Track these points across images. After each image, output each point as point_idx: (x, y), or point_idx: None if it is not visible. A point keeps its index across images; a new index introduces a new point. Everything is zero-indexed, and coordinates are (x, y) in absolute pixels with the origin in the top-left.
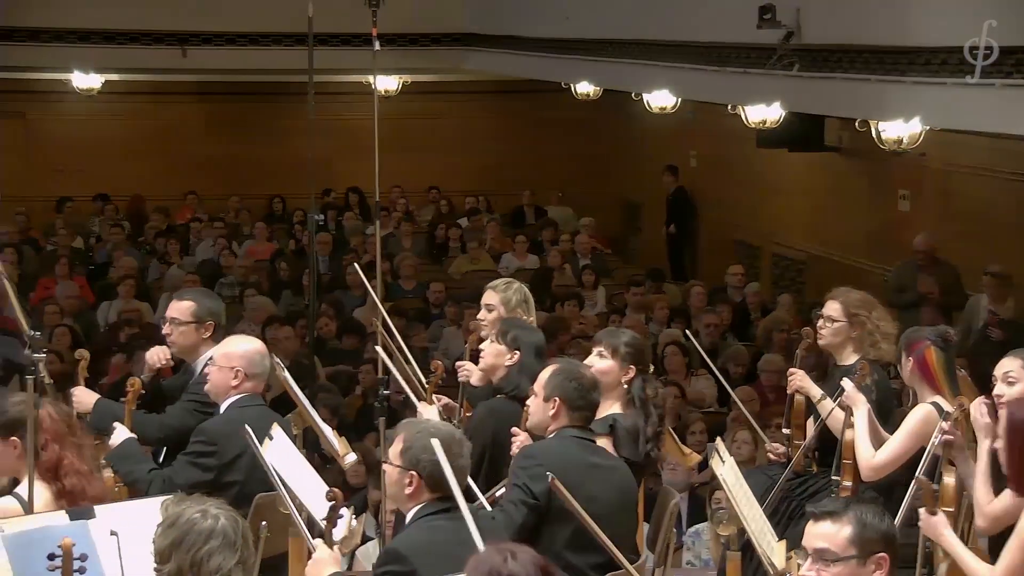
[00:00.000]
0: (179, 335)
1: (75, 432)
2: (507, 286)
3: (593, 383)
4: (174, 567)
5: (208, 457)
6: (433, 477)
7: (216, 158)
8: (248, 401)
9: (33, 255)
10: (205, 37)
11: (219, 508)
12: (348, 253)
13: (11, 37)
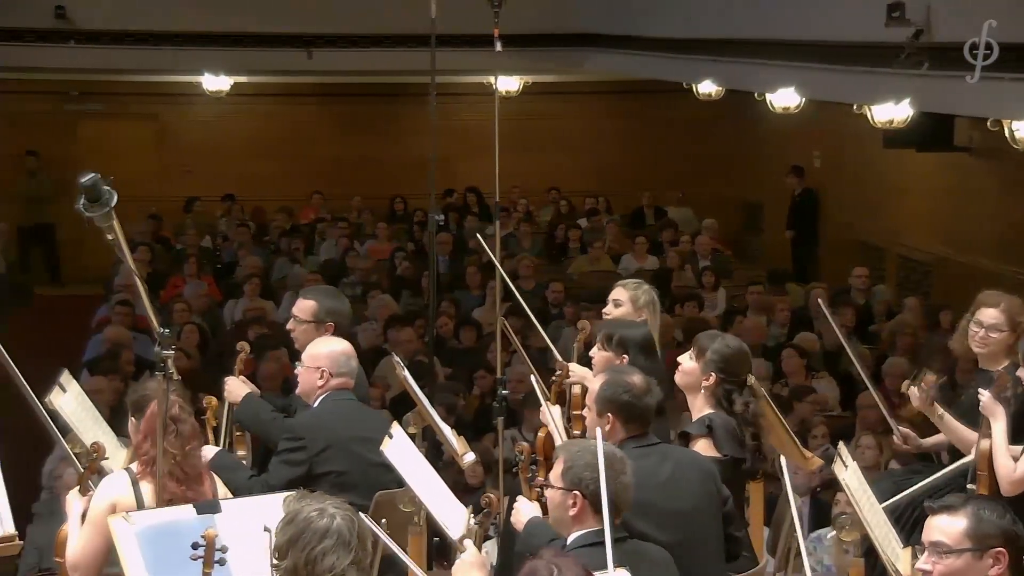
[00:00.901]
0: (300, 332)
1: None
2: (637, 285)
3: (645, 388)
4: (290, 564)
5: (297, 452)
6: (597, 496)
7: (340, 158)
8: (336, 396)
9: (164, 254)
10: (330, 39)
11: (337, 508)
12: (468, 253)
13: (146, 41)
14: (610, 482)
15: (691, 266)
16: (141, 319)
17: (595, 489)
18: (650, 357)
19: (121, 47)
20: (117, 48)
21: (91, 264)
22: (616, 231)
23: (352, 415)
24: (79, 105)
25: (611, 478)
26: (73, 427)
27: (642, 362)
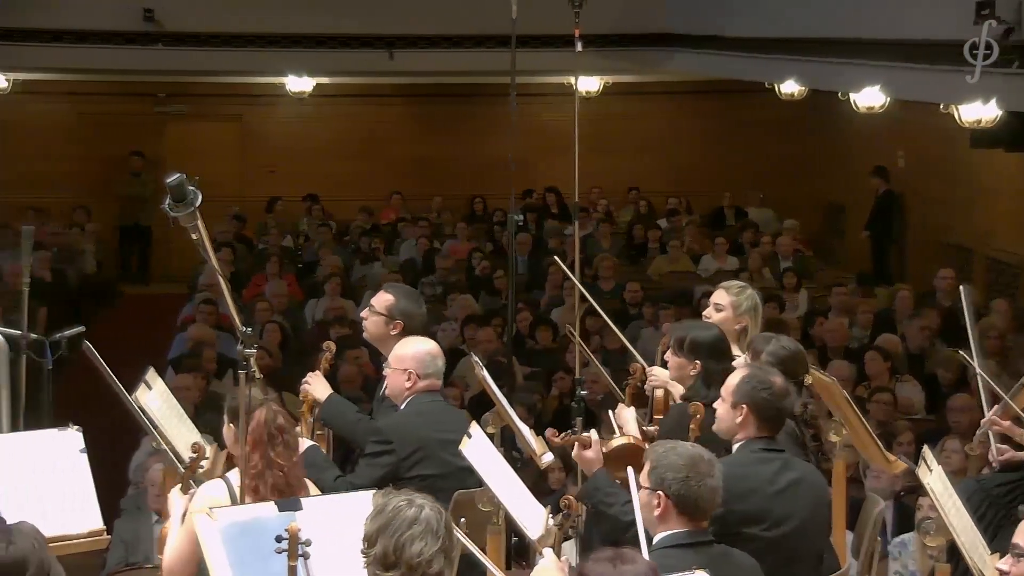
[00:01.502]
0: (370, 322)
1: (276, 441)
2: (741, 290)
3: (784, 391)
4: (379, 550)
5: (385, 455)
6: (682, 497)
7: (420, 159)
8: (424, 398)
9: (246, 253)
10: (411, 40)
11: (424, 499)
12: (547, 254)
13: (231, 43)
14: (695, 484)
15: (771, 267)
16: (224, 318)
17: (678, 490)
18: (722, 360)
19: (207, 49)
20: (203, 50)
21: (177, 263)
22: (696, 232)
23: (439, 418)
24: (166, 107)
25: (696, 480)
26: (158, 424)
27: (714, 366)
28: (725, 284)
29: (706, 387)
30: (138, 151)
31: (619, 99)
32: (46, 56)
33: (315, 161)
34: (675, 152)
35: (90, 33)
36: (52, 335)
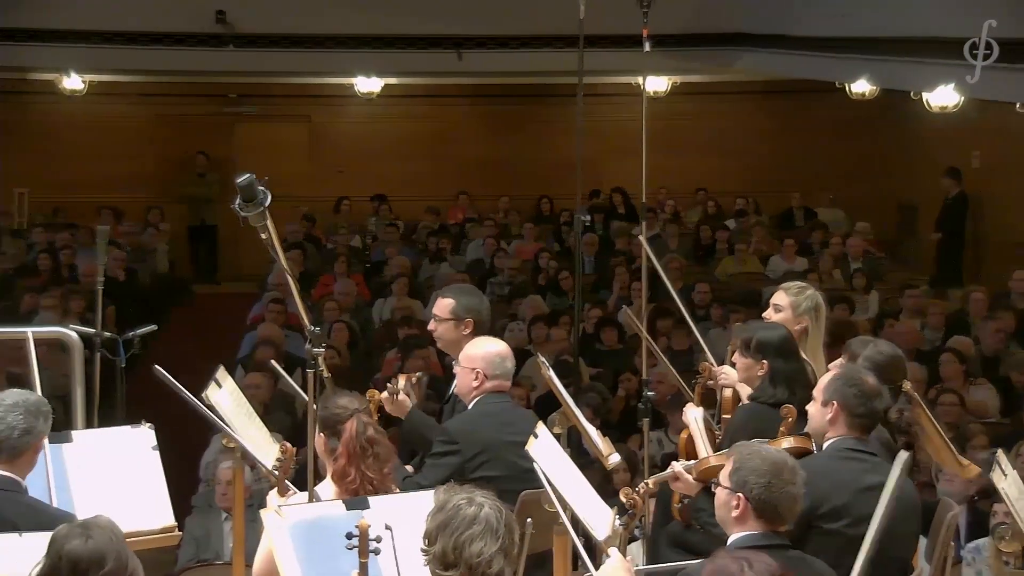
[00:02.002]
0: (442, 331)
1: (367, 454)
2: (800, 291)
3: (875, 391)
4: (439, 548)
5: (451, 456)
6: (761, 502)
7: (487, 159)
8: (492, 399)
9: (315, 253)
10: (479, 41)
11: (485, 498)
12: (614, 254)
13: (300, 44)
14: (776, 490)
15: (841, 268)
16: (293, 317)
17: (759, 495)
18: (790, 360)
19: (277, 50)
20: (273, 51)
21: (247, 263)
22: (764, 232)
23: (506, 419)
24: (236, 107)
25: (778, 487)
26: (228, 422)
27: (781, 365)
28: (785, 285)
29: (772, 387)
30: (203, 151)
31: (687, 99)
32: (121, 58)
33: (383, 161)
34: (744, 152)
35: (164, 35)
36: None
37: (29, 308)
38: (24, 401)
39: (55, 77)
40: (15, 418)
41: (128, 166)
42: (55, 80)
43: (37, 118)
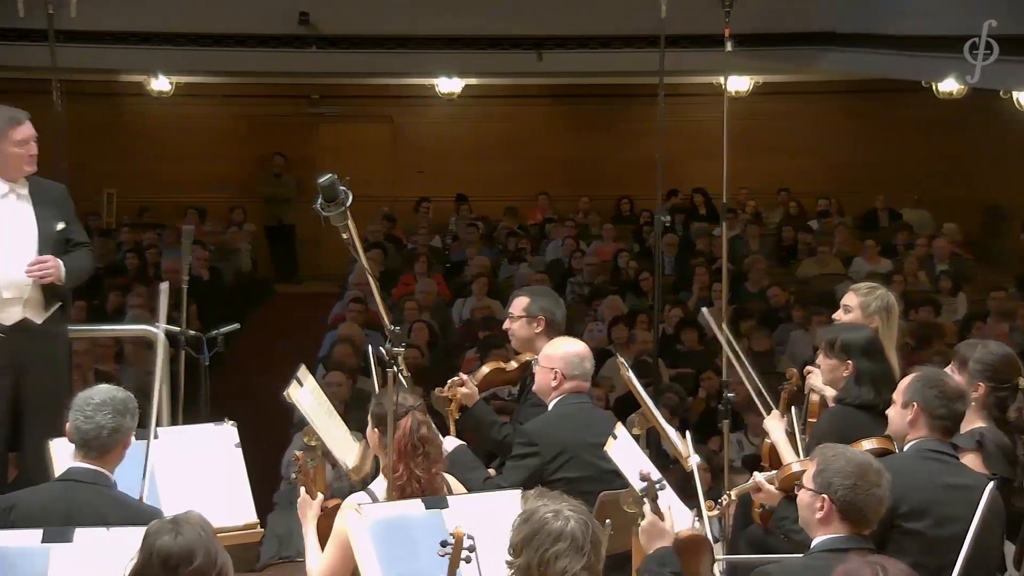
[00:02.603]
0: (515, 328)
1: (417, 452)
2: (870, 291)
3: (957, 393)
4: (523, 562)
5: (530, 457)
6: (846, 503)
7: (567, 159)
8: (571, 399)
9: (395, 253)
10: (559, 41)
11: (572, 510)
12: (695, 255)
13: (382, 45)
14: (861, 492)
15: (926, 270)
16: (374, 316)
17: (843, 496)
18: (875, 360)
19: (359, 51)
20: (355, 52)
21: (327, 262)
22: (847, 233)
23: (585, 420)
24: (319, 108)
25: (864, 489)
26: (309, 420)
27: (867, 365)
28: (855, 286)
29: (858, 387)
30: (280, 152)
31: (769, 99)
32: (207, 60)
33: (463, 161)
34: (827, 152)
35: (248, 37)
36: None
37: (116, 306)
38: (112, 399)
39: (144, 79)
40: (104, 417)
41: (213, 166)
42: (143, 82)
43: (126, 119)
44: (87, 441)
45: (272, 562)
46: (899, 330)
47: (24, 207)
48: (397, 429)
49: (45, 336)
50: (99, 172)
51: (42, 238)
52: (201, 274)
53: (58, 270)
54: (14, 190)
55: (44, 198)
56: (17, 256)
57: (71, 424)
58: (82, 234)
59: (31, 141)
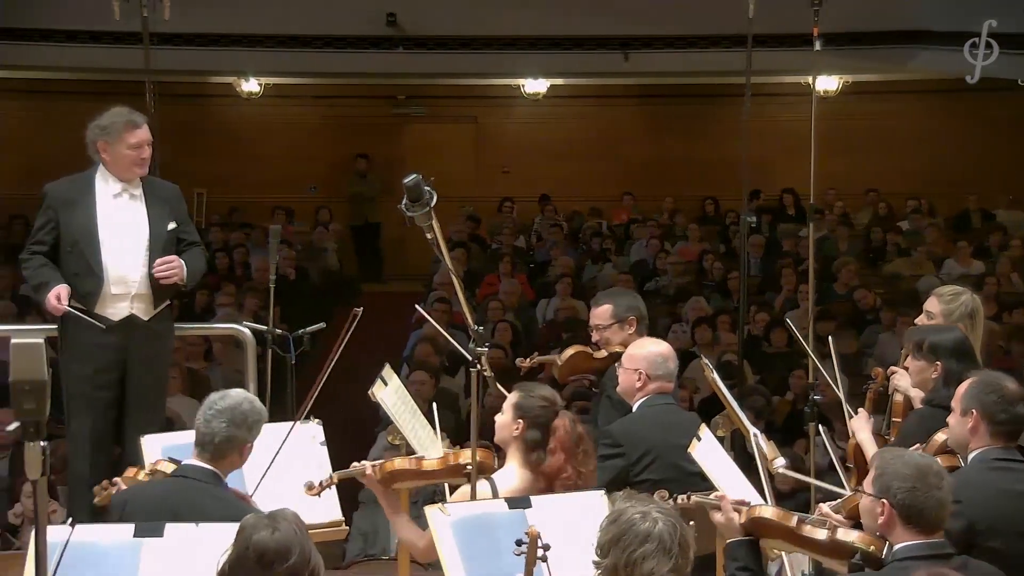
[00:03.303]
0: (606, 339)
1: (578, 449)
2: (953, 296)
3: (1017, 395)
4: (610, 563)
5: (615, 458)
6: (907, 507)
7: (652, 159)
8: (656, 400)
9: (480, 253)
10: (646, 41)
11: (660, 512)
12: (781, 256)
13: (468, 46)
14: (921, 495)
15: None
16: (458, 316)
17: (904, 500)
18: (964, 362)
19: (445, 52)
20: (442, 53)
21: (412, 262)
22: (938, 234)
23: (670, 421)
24: (405, 109)
25: (924, 491)
26: (393, 419)
27: (955, 367)
28: (938, 290)
29: (947, 388)
30: (365, 153)
31: (858, 98)
32: (296, 61)
33: (548, 162)
34: (917, 152)
35: (336, 38)
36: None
37: (205, 306)
38: (233, 409)
39: (233, 80)
40: (219, 424)
41: (300, 167)
42: (233, 83)
43: (215, 120)
44: (202, 444)
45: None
46: (991, 333)
47: (137, 207)
48: (557, 428)
49: (151, 333)
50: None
51: (154, 237)
52: (288, 274)
53: (182, 270)
54: (127, 190)
55: (157, 198)
56: (128, 254)
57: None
58: (194, 234)
59: (144, 145)
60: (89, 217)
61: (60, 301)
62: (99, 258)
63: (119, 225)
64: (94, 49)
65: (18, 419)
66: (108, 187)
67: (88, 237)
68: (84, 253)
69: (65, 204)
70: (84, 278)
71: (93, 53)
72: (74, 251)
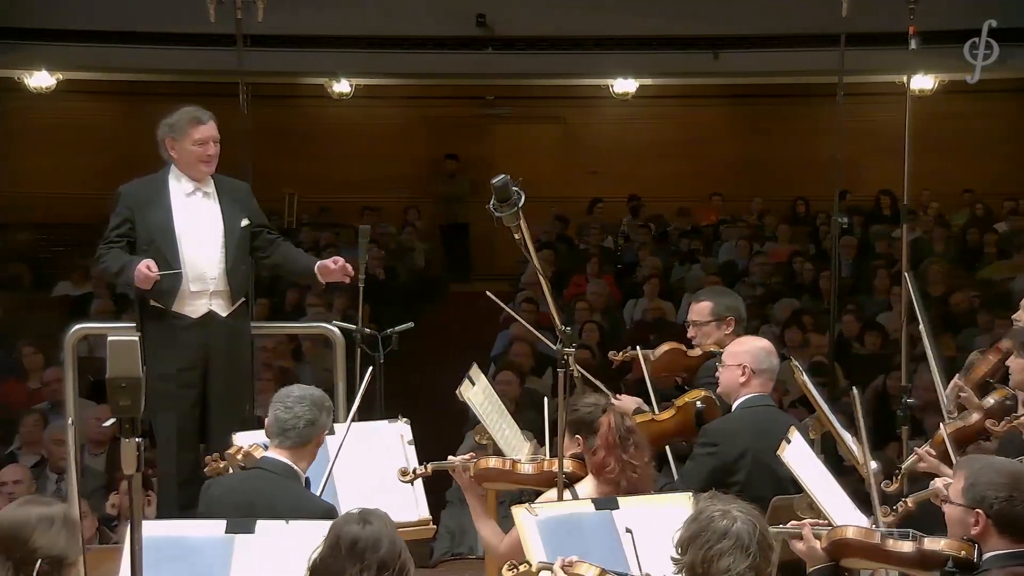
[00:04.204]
0: (703, 335)
1: (627, 443)
2: None
3: None
4: (689, 559)
5: (709, 456)
6: (1003, 516)
7: (741, 160)
8: (757, 401)
9: (568, 253)
10: (736, 40)
11: (741, 511)
12: (874, 258)
13: (557, 46)
14: (1019, 503)
15: None
16: (545, 316)
17: (1000, 509)
18: None
19: (534, 52)
20: (530, 53)
21: (500, 262)
22: None
23: (768, 423)
24: (493, 109)
25: (1021, 499)
26: (481, 419)
27: None
28: None
29: None
30: (453, 153)
31: (955, 98)
32: (386, 62)
33: (636, 162)
34: (1014, 153)
35: (427, 39)
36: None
37: (294, 305)
38: (310, 394)
39: (325, 82)
40: (302, 408)
41: (390, 167)
42: (325, 84)
43: (306, 121)
44: (285, 431)
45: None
46: None
47: (211, 205)
48: (600, 427)
49: (229, 330)
50: (280, 173)
51: (228, 234)
52: (377, 273)
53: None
54: (200, 188)
55: (229, 196)
56: (205, 252)
57: (271, 415)
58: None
59: (210, 142)
60: (166, 215)
61: (151, 269)
62: (177, 255)
63: (195, 222)
64: (189, 51)
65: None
66: (181, 186)
67: (166, 235)
68: (162, 250)
69: (141, 203)
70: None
71: (188, 55)
72: (151, 249)
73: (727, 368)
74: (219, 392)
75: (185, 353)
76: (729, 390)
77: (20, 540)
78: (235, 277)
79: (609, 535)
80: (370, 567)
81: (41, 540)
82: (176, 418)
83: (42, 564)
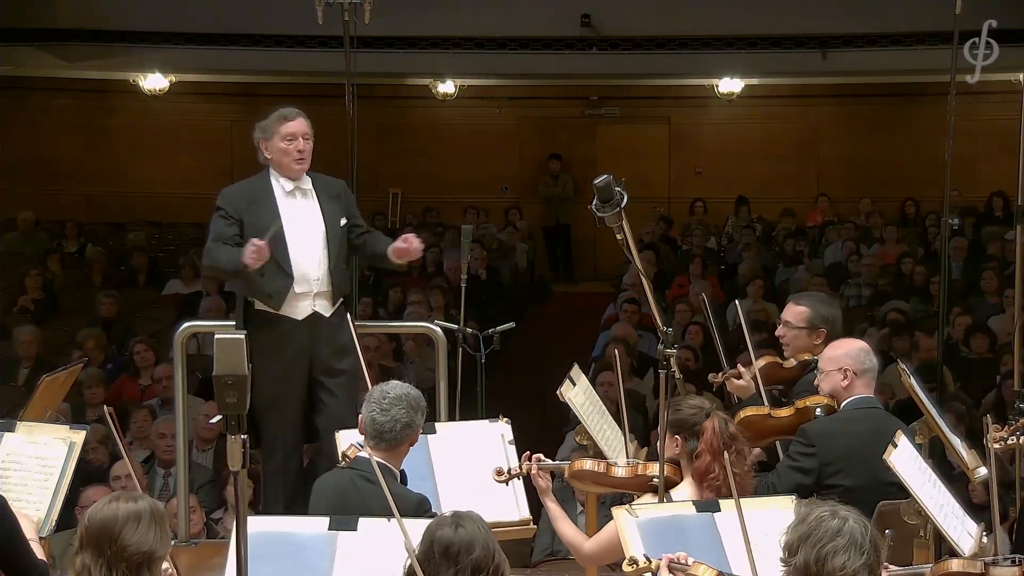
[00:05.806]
0: (791, 338)
1: (731, 449)
2: None
3: None
4: (800, 560)
5: (807, 458)
6: None
7: (849, 160)
8: (863, 403)
9: (670, 254)
10: (845, 39)
11: (849, 511)
12: (986, 260)
13: (663, 46)
14: None
15: None
16: (647, 317)
17: None
18: None
19: (639, 52)
20: (635, 54)
21: (603, 262)
22: None
23: (875, 427)
24: (597, 110)
25: None
26: (581, 420)
27: None
28: None
29: None
30: (556, 154)
31: None
32: (491, 63)
33: (741, 162)
34: None
35: (531, 40)
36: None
37: (396, 304)
38: (407, 395)
39: (430, 82)
40: (399, 411)
41: (494, 167)
42: (430, 85)
43: (411, 122)
44: (381, 433)
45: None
46: None
47: (310, 204)
48: (704, 431)
49: (333, 329)
50: (386, 172)
51: (330, 233)
52: (479, 273)
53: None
54: (298, 187)
55: (327, 194)
56: (307, 251)
57: (366, 416)
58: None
59: (299, 137)
60: (273, 216)
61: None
62: (287, 256)
63: (297, 223)
64: (298, 53)
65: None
66: (280, 186)
67: (276, 236)
68: (273, 252)
69: (246, 205)
70: (272, 277)
71: (297, 57)
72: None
73: (827, 374)
74: (325, 392)
75: (290, 355)
76: (835, 395)
77: (111, 537)
78: (336, 276)
79: (711, 537)
80: (464, 570)
81: (130, 537)
82: (282, 419)
83: (132, 560)
